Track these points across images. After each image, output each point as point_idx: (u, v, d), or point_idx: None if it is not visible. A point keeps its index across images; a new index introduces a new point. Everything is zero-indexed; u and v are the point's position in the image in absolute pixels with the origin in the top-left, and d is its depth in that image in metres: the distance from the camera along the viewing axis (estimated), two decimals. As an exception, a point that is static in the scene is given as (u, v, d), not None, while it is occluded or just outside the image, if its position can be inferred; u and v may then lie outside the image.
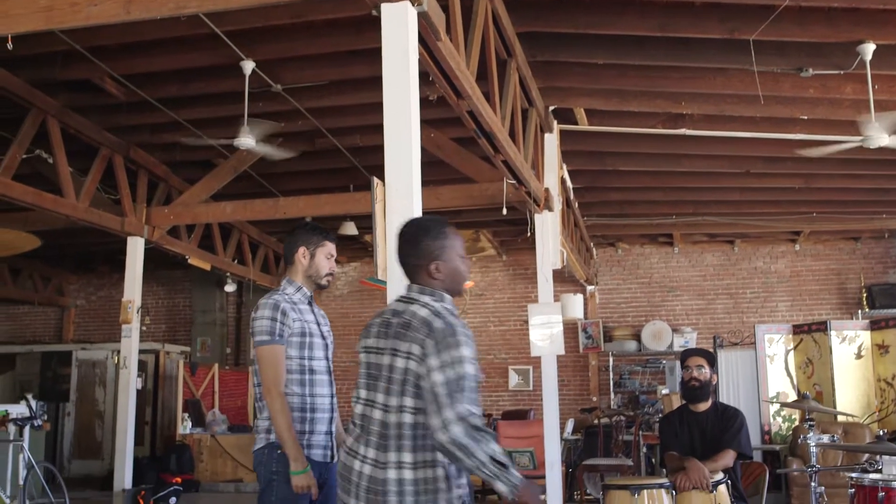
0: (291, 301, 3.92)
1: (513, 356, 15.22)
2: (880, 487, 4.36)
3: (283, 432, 3.71)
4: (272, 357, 3.77)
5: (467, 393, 2.76)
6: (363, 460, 2.92)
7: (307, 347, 3.85)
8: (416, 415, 2.87)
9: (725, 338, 12.37)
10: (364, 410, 3.00)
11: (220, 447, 13.23)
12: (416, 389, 2.85)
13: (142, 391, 13.90)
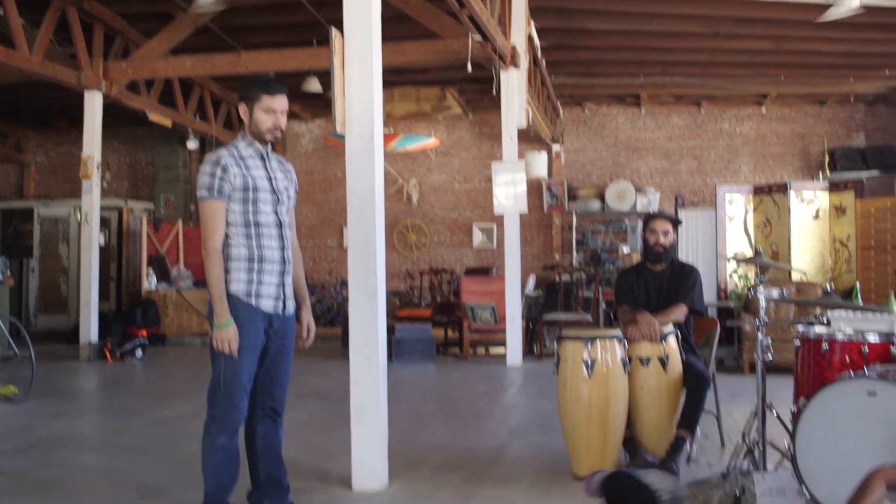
0: (239, 155, 3.87)
1: (477, 214, 15.30)
2: (824, 340, 4.49)
3: (211, 286, 3.77)
4: (207, 212, 3.80)
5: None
6: None
7: (251, 202, 3.83)
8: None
9: (687, 198, 12.49)
10: None
11: (185, 302, 13.34)
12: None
13: (106, 247, 13.89)
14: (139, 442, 6.10)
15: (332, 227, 15.66)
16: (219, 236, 3.79)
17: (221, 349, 3.74)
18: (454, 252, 15.39)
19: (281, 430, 4.12)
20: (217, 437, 3.80)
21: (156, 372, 10.56)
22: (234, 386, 3.78)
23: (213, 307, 3.78)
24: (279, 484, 4.10)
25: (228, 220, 3.83)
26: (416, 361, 10.70)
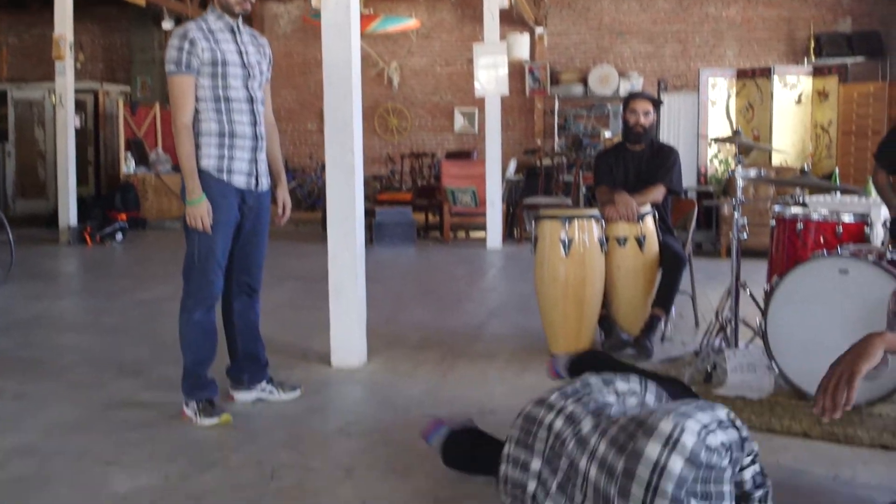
0: (209, 29, 3.77)
1: (459, 98, 15.13)
2: (799, 219, 4.52)
3: (182, 163, 3.74)
4: (176, 88, 3.72)
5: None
6: None
7: (220, 77, 3.75)
8: None
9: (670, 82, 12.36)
10: None
11: (164, 186, 13.26)
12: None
13: (82, 131, 13.71)
14: (119, 323, 6.13)
15: (311, 111, 15.45)
16: (188, 112, 3.73)
17: (195, 226, 3.72)
18: (435, 136, 15.27)
19: (258, 306, 4.14)
20: (193, 312, 3.82)
21: (136, 255, 10.57)
22: (208, 262, 3.78)
23: (185, 183, 3.75)
24: (257, 359, 4.15)
25: (198, 96, 3.76)
26: (396, 244, 10.74)
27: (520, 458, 2.53)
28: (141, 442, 3.56)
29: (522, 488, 2.45)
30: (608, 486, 2.07)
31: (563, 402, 2.53)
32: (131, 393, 4.30)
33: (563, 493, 2.30)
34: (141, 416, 3.91)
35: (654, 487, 1.96)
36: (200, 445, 3.53)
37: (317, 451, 3.47)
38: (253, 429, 3.76)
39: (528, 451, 2.49)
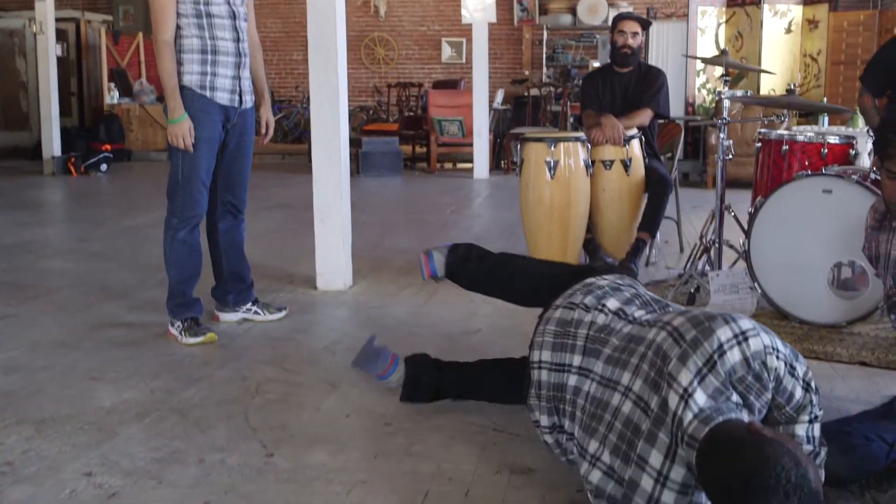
0: None
1: (446, 28, 14.92)
2: (785, 141, 4.51)
3: (163, 80, 3.69)
4: (157, 3, 3.66)
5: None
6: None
7: None
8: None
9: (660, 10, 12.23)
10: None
11: (149, 117, 13.13)
12: None
13: (65, 61, 13.50)
14: (104, 249, 6.11)
15: (297, 40, 15.22)
16: (169, 28, 3.68)
17: (176, 144, 3.69)
18: (422, 67, 15.11)
19: (243, 226, 4.13)
20: (178, 230, 3.81)
21: (121, 185, 10.51)
22: (192, 180, 3.76)
23: (167, 102, 3.71)
24: (242, 279, 4.16)
25: (179, 11, 3.70)
26: (382, 174, 10.70)
27: (556, 360, 2.47)
28: (126, 359, 3.58)
29: (561, 387, 2.44)
30: (672, 347, 2.09)
31: (601, 301, 2.50)
32: (116, 314, 4.31)
33: (613, 366, 2.28)
34: (126, 336, 3.92)
35: (713, 362, 1.99)
36: (185, 362, 3.55)
37: (302, 367, 3.50)
38: (238, 347, 3.78)
39: (566, 352, 2.45)
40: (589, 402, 2.25)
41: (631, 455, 2.03)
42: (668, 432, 1.97)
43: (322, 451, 2.65)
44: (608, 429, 2.13)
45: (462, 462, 2.57)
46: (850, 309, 4.00)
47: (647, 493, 1.96)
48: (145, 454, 2.62)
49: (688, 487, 1.94)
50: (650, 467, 1.97)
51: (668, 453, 1.96)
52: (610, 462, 2.09)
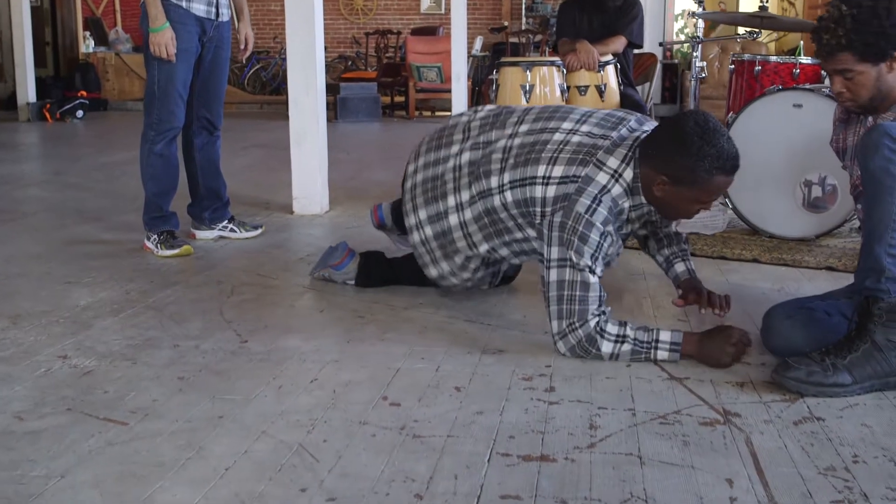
0: None
1: (425, -22, 14.87)
2: (758, 62, 4.55)
3: None
4: None
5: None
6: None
7: None
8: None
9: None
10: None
11: (125, 65, 13.02)
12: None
13: (38, 10, 13.32)
14: (81, 181, 6.10)
15: (275, -9, 15.14)
16: None
17: (158, 54, 3.68)
18: (401, 18, 15.03)
19: (219, 143, 4.13)
20: (155, 143, 3.81)
21: (97, 130, 10.43)
22: (168, 91, 3.75)
23: (147, 11, 3.69)
24: (219, 196, 4.17)
25: (156, -78, 3.68)
26: (360, 120, 10.68)
27: (431, 157, 2.93)
28: (101, 268, 3.59)
29: (438, 177, 2.85)
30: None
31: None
32: (92, 233, 4.31)
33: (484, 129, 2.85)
34: (102, 250, 3.94)
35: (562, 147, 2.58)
36: (161, 270, 3.57)
37: (277, 273, 3.52)
38: (214, 258, 3.80)
39: (442, 148, 2.93)
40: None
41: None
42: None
43: (296, 337, 2.69)
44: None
45: (434, 345, 2.61)
46: (819, 223, 4.05)
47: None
48: (120, 341, 2.65)
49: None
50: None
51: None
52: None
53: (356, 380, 2.32)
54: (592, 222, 2.42)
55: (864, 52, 2.36)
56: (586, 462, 1.84)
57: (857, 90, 2.42)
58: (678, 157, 2.40)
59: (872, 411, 2.11)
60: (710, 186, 2.43)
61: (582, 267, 2.41)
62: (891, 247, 2.17)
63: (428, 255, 2.87)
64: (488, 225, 2.70)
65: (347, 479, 1.76)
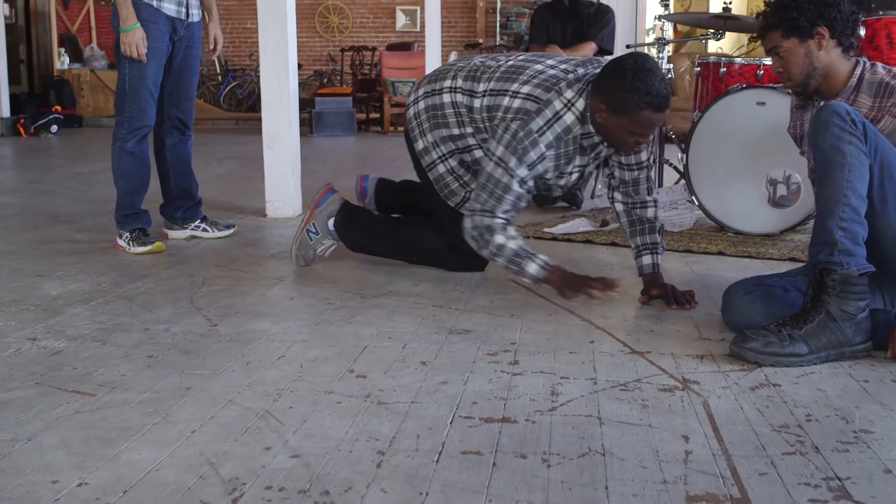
0: None
1: (400, -4, 14.99)
2: (723, 63, 4.64)
3: None
4: None
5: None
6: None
7: None
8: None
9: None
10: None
11: (100, 82, 13.02)
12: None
13: (13, 27, 13.31)
14: (55, 188, 6.10)
15: (250, 8, 15.12)
16: None
17: (129, 53, 3.71)
18: (377, 35, 15.14)
19: (190, 142, 4.16)
20: (126, 140, 3.84)
21: (72, 143, 10.42)
22: (139, 89, 3.78)
23: (119, 11, 3.72)
24: (190, 196, 4.19)
25: (126, -77, 3.72)
26: (336, 134, 10.73)
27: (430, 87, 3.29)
28: (73, 263, 3.60)
29: (439, 73, 3.29)
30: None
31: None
32: (65, 234, 4.32)
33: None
34: (73, 248, 3.95)
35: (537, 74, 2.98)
36: (133, 264, 3.59)
37: (248, 267, 3.55)
38: (186, 255, 3.82)
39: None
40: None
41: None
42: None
43: (265, 321, 2.72)
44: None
45: (401, 327, 2.64)
46: (783, 219, 4.13)
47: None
48: (90, 326, 2.66)
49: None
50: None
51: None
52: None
53: (324, 356, 2.35)
54: (538, 142, 2.82)
55: (787, 28, 2.52)
56: (546, 423, 1.88)
57: (790, 67, 2.56)
58: (614, 89, 2.73)
59: (828, 378, 2.17)
60: (639, 118, 2.73)
61: (513, 174, 2.82)
62: (842, 220, 2.24)
63: (419, 128, 3.25)
64: (471, 115, 3.10)
65: (312, 440, 1.79)
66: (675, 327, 2.64)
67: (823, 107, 2.33)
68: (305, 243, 3.51)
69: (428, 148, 3.24)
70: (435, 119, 3.19)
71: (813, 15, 2.48)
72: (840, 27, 2.50)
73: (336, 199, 3.52)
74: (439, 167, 3.25)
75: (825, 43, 2.50)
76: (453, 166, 3.23)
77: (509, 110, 2.93)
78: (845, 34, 2.52)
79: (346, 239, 3.50)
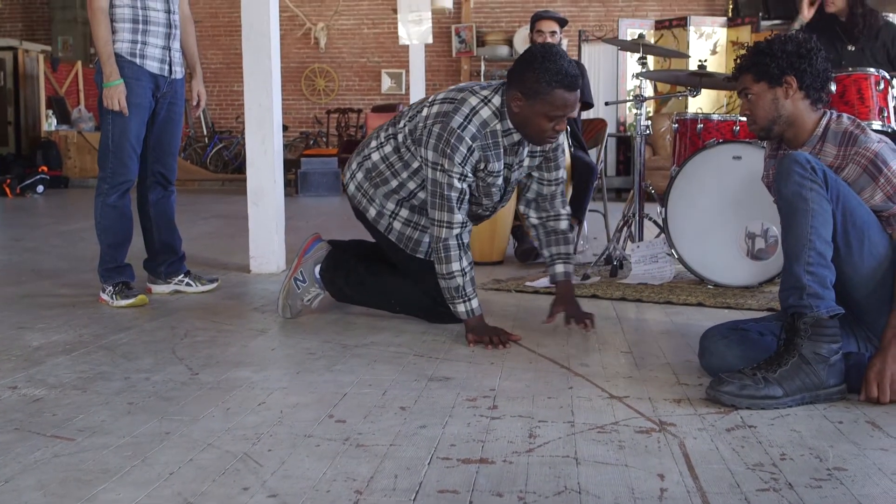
0: None
1: (386, 60, 15.18)
2: (700, 119, 4.73)
3: (98, 47, 3.79)
4: None
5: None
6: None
7: None
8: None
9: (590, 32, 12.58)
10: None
11: (87, 143, 13.09)
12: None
13: (2, 90, 13.44)
14: (40, 245, 6.11)
15: (238, 72, 15.31)
16: None
17: (111, 106, 3.77)
18: (362, 98, 15.31)
19: (173, 197, 4.20)
20: (108, 195, 3.87)
21: (57, 203, 10.44)
22: (122, 144, 3.83)
23: (102, 67, 3.80)
24: (174, 250, 4.21)
25: (113, -19, 3.81)
26: (321, 194, 10.80)
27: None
28: (55, 316, 3.61)
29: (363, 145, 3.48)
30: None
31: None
32: (48, 289, 4.33)
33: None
34: (56, 301, 3.96)
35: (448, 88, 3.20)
36: (116, 317, 3.60)
37: (231, 320, 3.56)
38: (169, 308, 3.83)
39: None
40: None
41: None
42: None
43: (246, 370, 2.73)
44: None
45: (382, 375, 2.66)
46: (762, 271, 4.18)
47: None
48: (71, 375, 2.67)
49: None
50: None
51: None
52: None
53: (304, 402, 2.36)
54: (463, 136, 3.00)
55: (758, 72, 2.62)
56: (524, 463, 1.89)
57: (756, 111, 2.65)
58: (527, 74, 2.95)
59: (803, 419, 2.19)
60: (553, 99, 2.94)
61: (451, 173, 3.01)
62: (808, 265, 2.29)
63: (364, 198, 3.41)
64: (402, 157, 3.24)
65: (290, 480, 1.79)
66: (654, 374, 2.66)
67: (785, 156, 2.41)
68: (293, 292, 3.54)
69: (381, 212, 3.38)
70: (374, 180, 3.35)
71: (784, 64, 2.57)
72: (809, 80, 2.59)
73: (323, 246, 3.61)
74: (395, 225, 3.37)
75: (792, 92, 2.59)
76: (406, 216, 3.36)
77: (429, 118, 3.11)
78: (813, 87, 2.60)
79: (331, 287, 3.55)
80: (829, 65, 2.66)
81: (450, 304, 3.12)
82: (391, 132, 3.31)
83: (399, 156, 3.26)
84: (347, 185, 3.50)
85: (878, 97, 3.96)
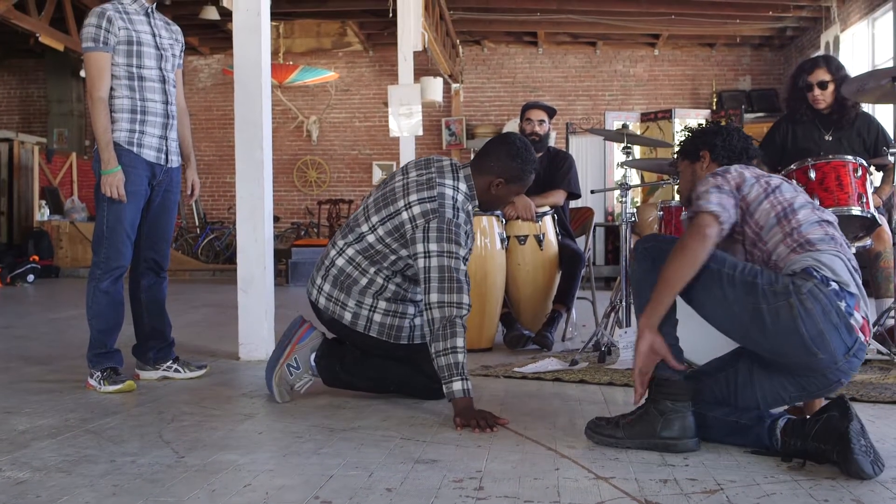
0: (124, 11, 3.94)
1: (377, 152, 15.42)
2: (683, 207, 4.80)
3: (98, 135, 3.87)
4: (94, 63, 3.86)
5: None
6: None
7: (135, 55, 3.92)
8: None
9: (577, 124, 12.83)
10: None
11: (80, 233, 13.16)
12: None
13: (-5, 180, 13.58)
14: (29, 333, 6.11)
15: (230, 164, 15.41)
16: (104, 85, 3.87)
17: (109, 193, 3.83)
18: (354, 189, 15.49)
19: (165, 284, 4.23)
20: (101, 280, 3.90)
21: (48, 292, 10.46)
22: (117, 231, 3.88)
23: (100, 155, 3.86)
24: (163, 337, 4.22)
25: (113, 73, 3.90)
26: (312, 283, 10.83)
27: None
28: (42, 401, 3.61)
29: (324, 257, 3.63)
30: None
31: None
32: (36, 374, 4.32)
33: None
34: (44, 387, 3.95)
35: (406, 185, 3.43)
36: (103, 402, 3.59)
37: (219, 405, 3.56)
38: (157, 394, 3.83)
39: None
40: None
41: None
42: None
43: (232, 453, 2.72)
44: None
45: (369, 457, 2.66)
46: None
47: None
48: (56, 458, 2.66)
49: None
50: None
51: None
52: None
53: (290, 484, 2.36)
54: (459, 223, 3.33)
55: (682, 152, 3.20)
56: (509, 542, 1.89)
57: (681, 185, 3.21)
58: (512, 164, 3.45)
59: (788, 498, 2.20)
60: (526, 181, 3.54)
61: (458, 257, 3.28)
62: None
63: (337, 305, 3.52)
64: (369, 257, 3.45)
65: (274, 559, 1.79)
66: (640, 455, 2.67)
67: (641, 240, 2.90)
68: (285, 378, 3.56)
69: (357, 313, 3.50)
70: (343, 284, 3.50)
71: (699, 141, 3.10)
72: (720, 152, 3.03)
73: (317, 335, 3.66)
74: (375, 318, 3.51)
75: (706, 164, 3.03)
76: (384, 307, 3.51)
77: (415, 219, 3.32)
78: (727, 159, 3.01)
79: (325, 373, 3.59)
80: (748, 143, 3.09)
81: (445, 385, 3.16)
82: (354, 238, 3.48)
83: (365, 255, 3.45)
84: (317, 301, 3.61)
85: (857, 183, 4.06)
